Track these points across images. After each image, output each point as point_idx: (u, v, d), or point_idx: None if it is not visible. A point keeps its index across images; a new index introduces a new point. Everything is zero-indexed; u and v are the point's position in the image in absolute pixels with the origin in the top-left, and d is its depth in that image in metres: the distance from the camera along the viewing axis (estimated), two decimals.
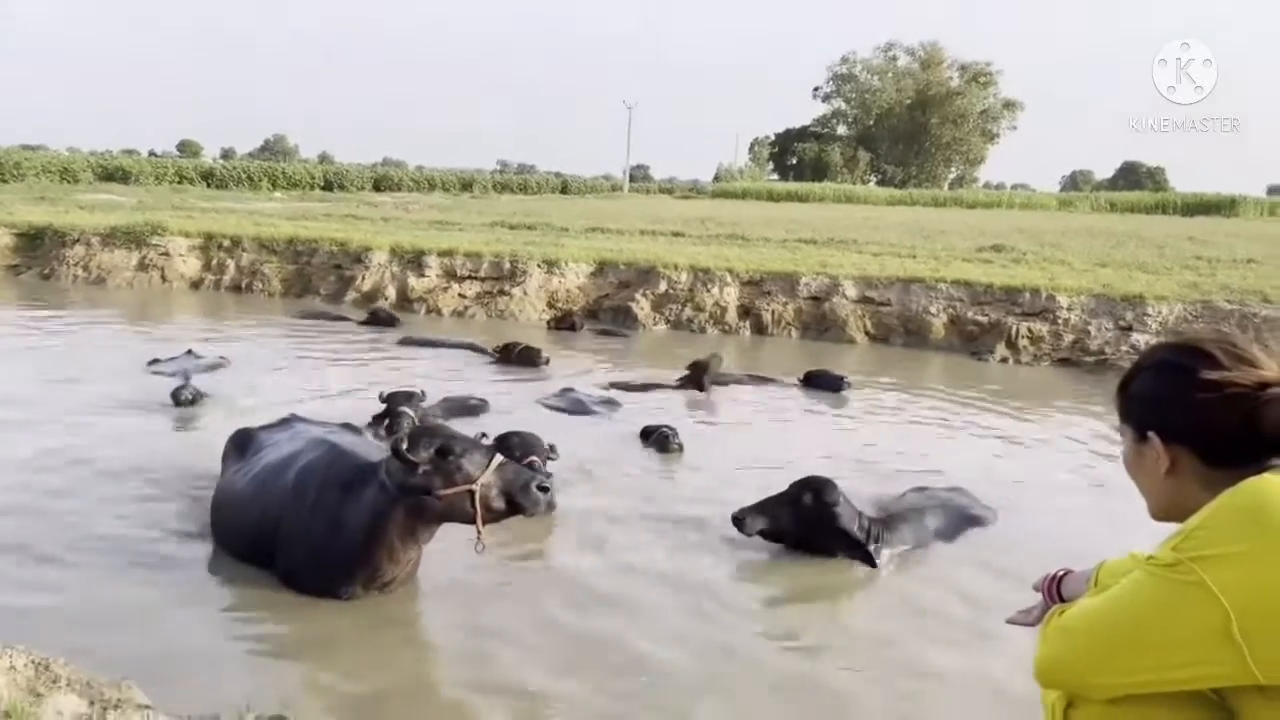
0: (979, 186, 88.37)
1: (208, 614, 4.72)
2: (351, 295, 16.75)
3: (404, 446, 4.48)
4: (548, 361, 11.29)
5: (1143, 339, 12.73)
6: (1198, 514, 1.72)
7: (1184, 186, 79.75)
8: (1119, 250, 21.66)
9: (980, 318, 13.89)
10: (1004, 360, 13.14)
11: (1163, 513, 1.94)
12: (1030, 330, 13.36)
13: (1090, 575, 2.37)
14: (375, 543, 4.64)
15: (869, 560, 5.48)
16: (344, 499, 4.73)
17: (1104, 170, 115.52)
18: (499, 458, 4.56)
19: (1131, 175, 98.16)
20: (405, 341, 12.65)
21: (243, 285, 17.72)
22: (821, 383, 10.80)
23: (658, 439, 7.78)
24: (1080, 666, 1.77)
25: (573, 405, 9.22)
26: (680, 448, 7.71)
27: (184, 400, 8.45)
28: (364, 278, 16.92)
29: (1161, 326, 12.88)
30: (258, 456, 5.59)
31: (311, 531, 4.82)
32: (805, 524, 5.53)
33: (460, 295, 16.43)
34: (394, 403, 7.89)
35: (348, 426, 6.89)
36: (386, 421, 7.79)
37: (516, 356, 11.37)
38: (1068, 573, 2.49)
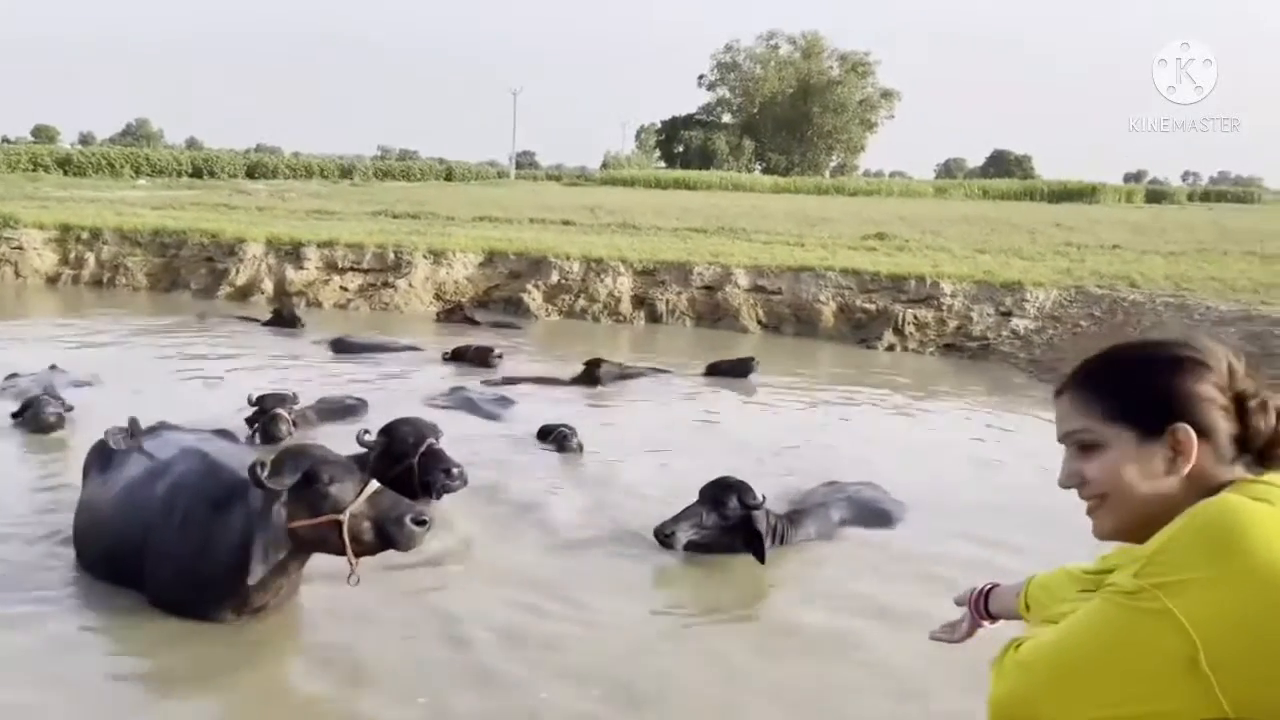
0: (859, 174, 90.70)
1: (67, 641, 4.31)
2: (225, 289, 15.95)
3: (263, 472, 4.10)
4: (500, 358, 10.82)
5: (1022, 324, 13.14)
6: (1157, 537, 1.63)
7: (1049, 174, 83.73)
8: (994, 237, 22.42)
9: (868, 305, 14.12)
10: (891, 348, 13.37)
11: (1136, 527, 1.80)
12: (916, 317, 13.64)
13: (1020, 590, 2.28)
14: (242, 569, 4.28)
15: (760, 556, 5.34)
16: (213, 518, 4.36)
17: (976, 158, 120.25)
18: (374, 485, 4.20)
19: (1001, 163, 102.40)
20: (339, 346, 11.75)
21: (104, 280, 16.69)
22: (728, 370, 10.79)
23: (556, 438, 7.52)
24: (1038, 703, 1.65)
25: (463, 405, 8.86)
26: (580, 447, 7.47)
27: (49, 424, 7.21)
28: (238, 271, 16.12)
29: (1039, 312, 13.32)
30: (124, 468, 5.15)
31: (180, 552, 4.46)
32: (731, 529, 5.40)
33: (342, 288, 15.82)
34: (265, 405, 7.42)
35: (222, 433, 6.47)
36: (257, 426, 7.33)
37: (471, 355, 10.86)
38: (994, 587, 2.40)
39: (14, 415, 7.50)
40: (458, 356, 10.99)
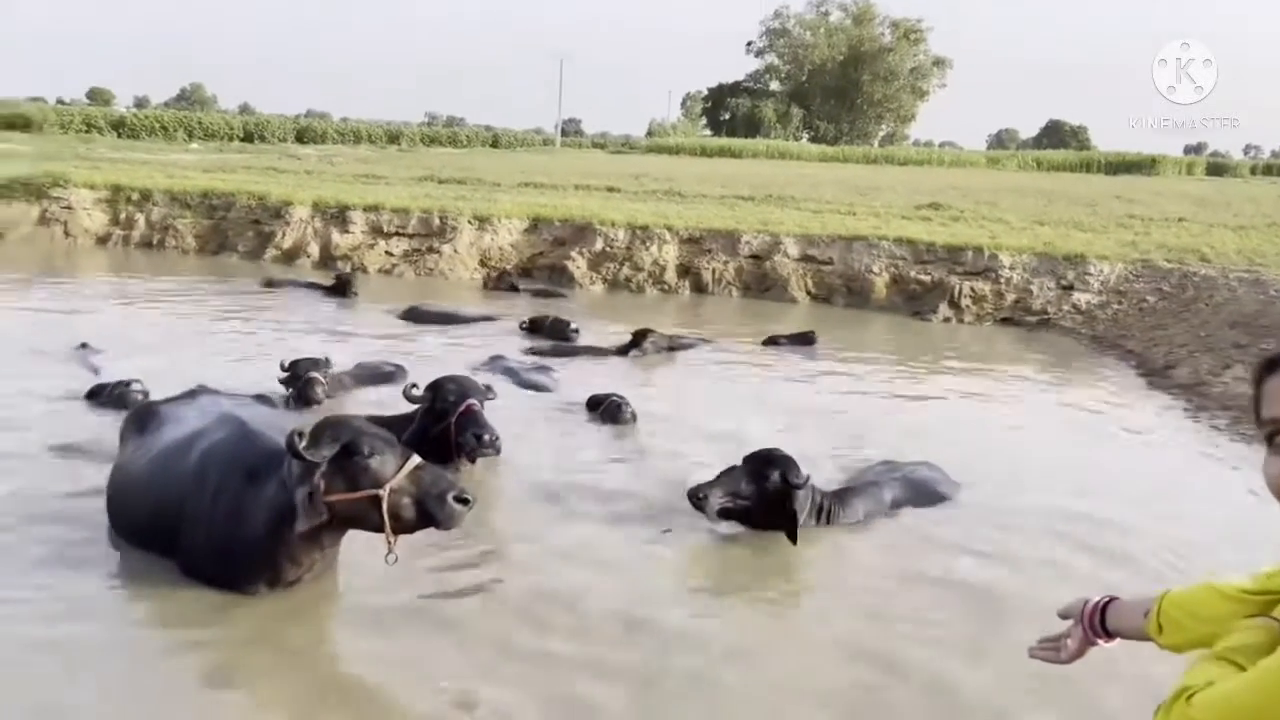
0: (909, 144, 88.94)
1: (94, 608, 4.19)
2: (271, 252, 15.92)
3: (301, 442, 3.90)
4: (577, 332, 10.48)
5: (1084, 298, 12.65)
6: None
7: (1105, 145, 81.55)
8: (1052, 208, 21.73)
9: (923, 277, 13.69)
10: (946, 320, 12.97)
11: None
12: (973, 290, 13.20)
13: (1151, 607, 1.96)
14: (276, 542, 4.11)
15: (792, 537, 5.12)
16: (246, 488, 4.20)
17: (1029, 129, 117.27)
18: (415, 460, 3.98)
19: (1056, 134, 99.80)
20: (411, 315, 11.52)
21: (154, 241, 16.73)
22: (789, 343, 10.53)
23: (608, 409, 7.27)
24: None
25: (503, 375, 8.56)
26: (633, 418, 7.23)
27: (135, 398, 6.53)
28: (284, 234, 16.07)
29: (1103, 286, 12.80)
30: (159, 434, 5.02)
31: (213, 521, 4.31)
32: (768, 503, 5.17)
33: (387, 253, 15.71)
34: (299, 370, 7.26)
35: (261, 398, 6.33)
36: (291, 391, 7.20)
37: (549, 327, 10.55)
38: (1111, 600, 2.07)
39: (89, 396, 7.18)
40: (535, 328, 10.63)
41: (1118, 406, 8.96)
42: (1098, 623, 2.02)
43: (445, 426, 5.73)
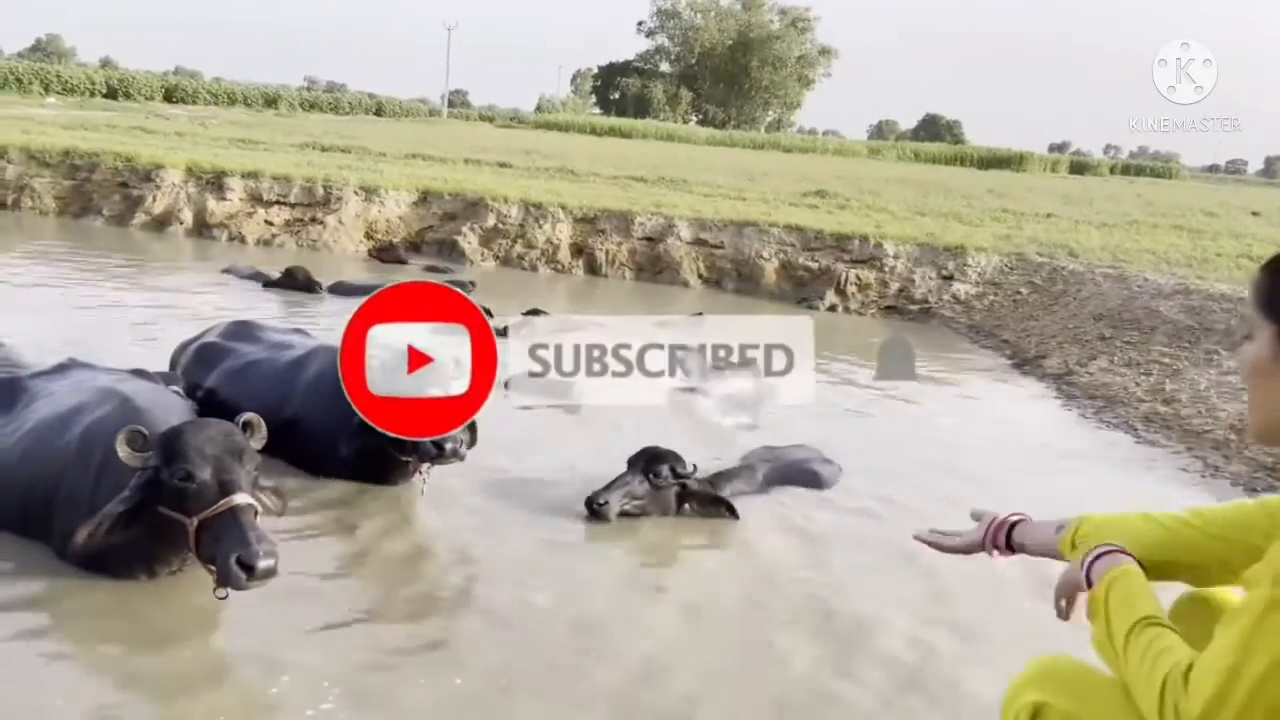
0: (794, 131, 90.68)
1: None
2: (140, 218, 15.10)
3: (132, 444, 3.73)
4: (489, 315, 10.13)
5: (963, 289, 13.15)
6: None
7: (977, 140, 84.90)
8: (930, 200, 22.46)
9: (811, 264, 13.97)
10: (832, 308, 13.27)
11: (1273, 432, 1.67)
12: (859, 278, 13.55)
13: (1066, 528, 2.07)
14: (146, 528, 3.85)
15: (733, 512, 5.37)
16: (130, 471, 3.95)
17: (908, 121, 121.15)
18: (236, 499, 3.61)
19: (932, 127, 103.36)
20: (338, 290, 10.88)
21: (8, 202, 15.62)
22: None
23: None
24: None
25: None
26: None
27: None
28: (155, 198, 15.25)
29: (980, 277, 13.34)
30: (30, 409, 4.70)
31: (96, 500, 4.05)
32: (662, 497, 5.39)
33: (267, 222, 15.11)
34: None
35: (139, 373, 5.99)
36: None
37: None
38: (1021, 520, 2.20)
39: None
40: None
41: (993, 393, 9.39)
42: (1002, 539, 2.14)
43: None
